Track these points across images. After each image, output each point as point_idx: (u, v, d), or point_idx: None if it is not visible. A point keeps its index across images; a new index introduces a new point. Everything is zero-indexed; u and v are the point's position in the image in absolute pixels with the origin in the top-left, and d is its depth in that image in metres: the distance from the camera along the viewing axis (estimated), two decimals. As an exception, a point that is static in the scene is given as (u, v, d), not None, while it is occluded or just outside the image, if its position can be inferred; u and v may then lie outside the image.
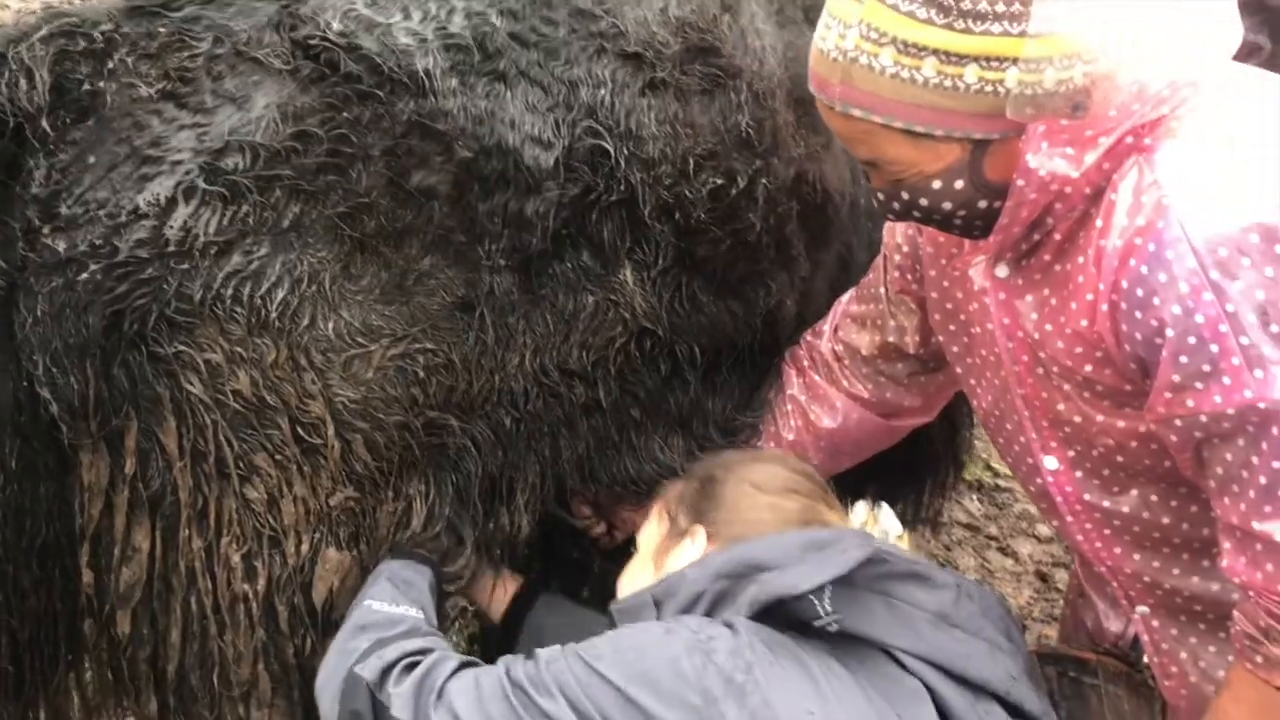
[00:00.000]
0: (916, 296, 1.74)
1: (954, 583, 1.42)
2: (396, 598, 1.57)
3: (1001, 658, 1.41)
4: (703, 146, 1.77)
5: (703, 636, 1.31)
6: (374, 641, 1.47)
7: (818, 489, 1.58)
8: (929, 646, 1.36)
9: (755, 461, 1.63)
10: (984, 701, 1.38)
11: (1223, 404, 1.23)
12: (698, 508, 1.55)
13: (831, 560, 1.34)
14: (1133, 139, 1.30)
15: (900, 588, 1.38)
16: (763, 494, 1.53)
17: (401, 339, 1.57)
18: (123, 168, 1.49)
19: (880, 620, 1.36)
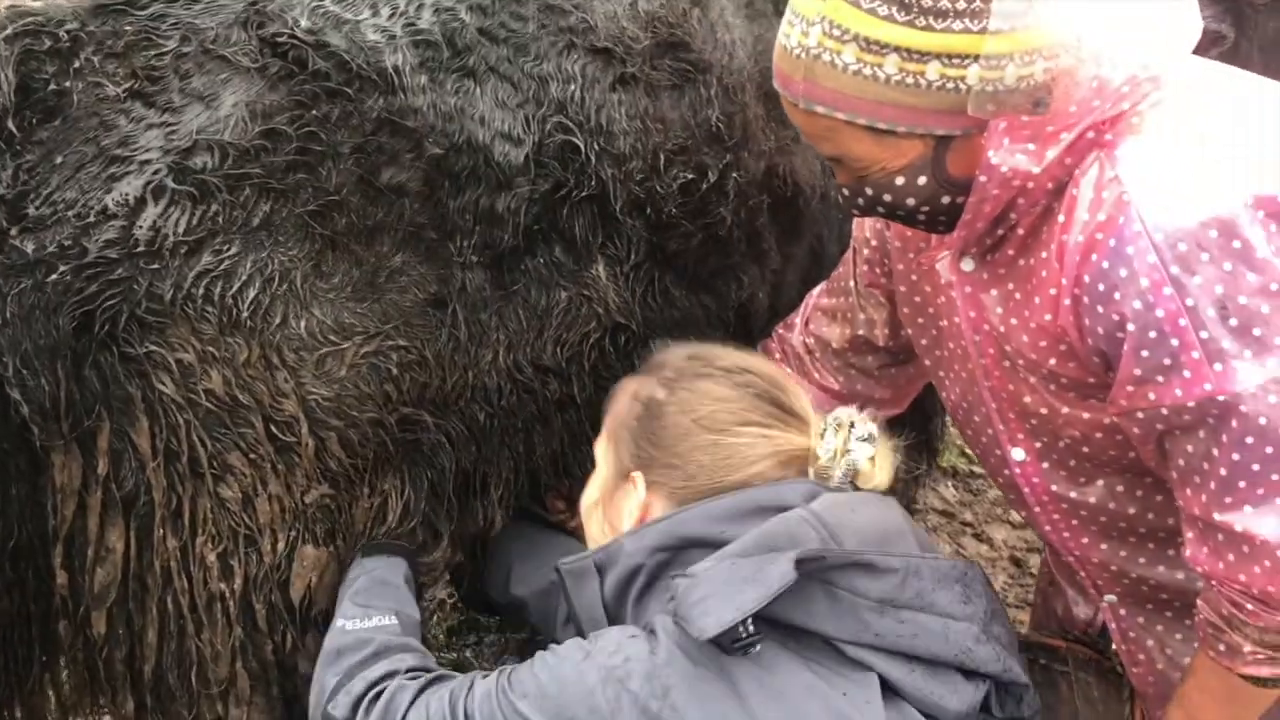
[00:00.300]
0: (885, 290, 1.76)
1: (899, 566, 1.35)
2: (368, 609, 1.59)
3: (955, 628, 1.36)
4: (673, 141, 1.79)
5: (618, 660, 1.29)
6: (344, 674, 1.49)
7: (774, 409, 1.49)
8: (872, 634, 1.32)
9: (704, 379, 1.51)
10: (941, 672, 1.36)
11: (1183, 397, 1.25)
12: (638, 444, 1.50)
13: (755, 583, 1.27)
14: (1094, 134, 1.31)
15: (842, 576, 1.33)
16: (706, 433, 1.46)
17: (374, 336, 1.58)
18: (90, 168, 1.49)
19: (819, 611, 1.32)
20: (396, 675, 1.47)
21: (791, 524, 1.35)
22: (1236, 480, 1.26)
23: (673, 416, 1.48)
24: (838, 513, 1.38)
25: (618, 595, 1.43)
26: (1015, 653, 1.43)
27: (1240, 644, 1.33)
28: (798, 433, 1.47)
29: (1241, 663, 1.35)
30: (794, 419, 1.49)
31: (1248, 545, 1.27)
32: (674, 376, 1.52)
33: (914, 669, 1.33)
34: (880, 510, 1.44)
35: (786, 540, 1.33)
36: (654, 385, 1.53)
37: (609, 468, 1.54)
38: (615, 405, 1.57)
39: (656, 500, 1.47)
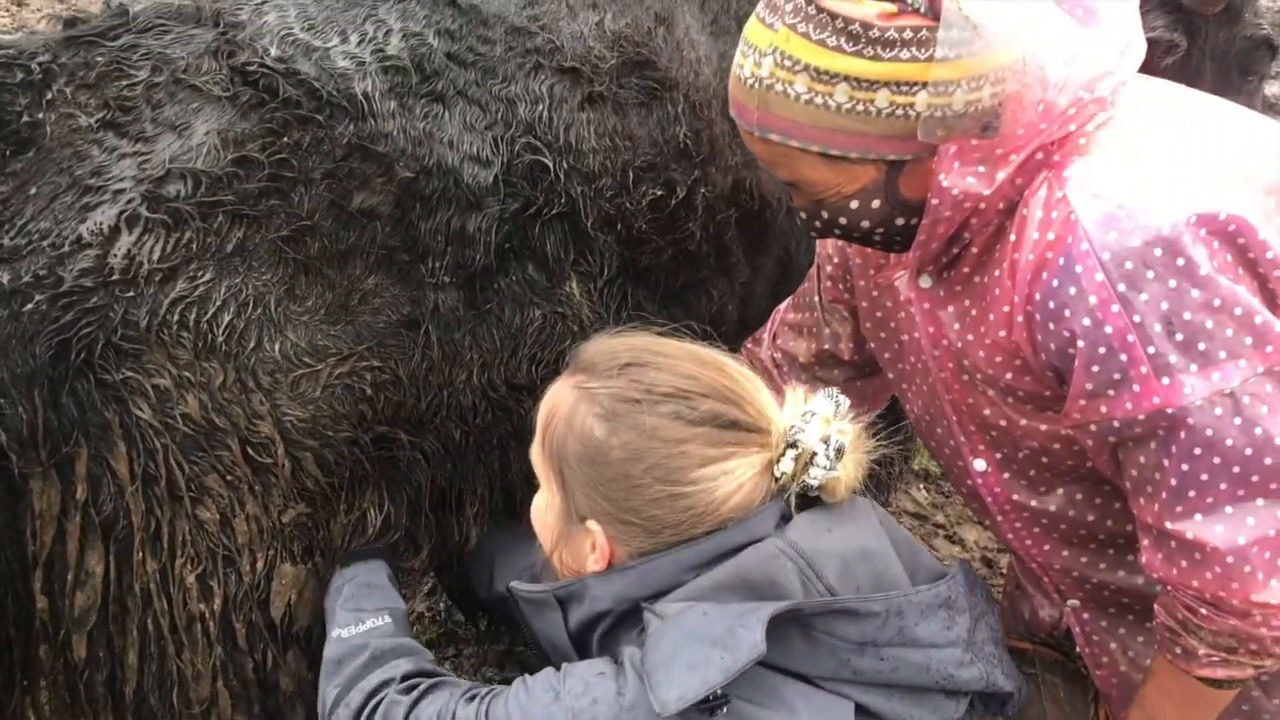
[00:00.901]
0: (848, 305, 1.81)
1: (880, 609, 1.29)
2: (360, 613, 1.61)
3: (938, 656, 1.33)
4: (642, 158, 1.83)
5: (585, 703, 1.26)
6: (342, 685, 1.52)
7: (729, 433, 1.34)
8: (850, 671, 1.29)
9: (645, 414, 1.34)
10: (923, 695, 1.34)
11: (1133, 410, 1.30)
12: (588, 494, 1.37)
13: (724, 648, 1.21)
14: (1042, 155, 1.36)
15: (820, 621, 1.28)
16: (661, 484, 1.33)
17: (348, 357, 1.62)
18: (64, 198, 1.52)
19: (796, 652, 1.28)
20: (391, 685, 1.48)
21: (767, 559, 1.28)
22: (1186, 490, 1.31)
23: (619, 467, 1.34)
24: (815, 537, 1.32)
25: (583, 630, 1.41)
26: (1002, 658, 1.41)
27: (1196, 647, 1.38)
28: (760, 448, 1.35)
29: (1198, 665, 1.40)
30: (755, 432, 1.36)
31: (1199, 552, 1.32)
32: (610, 407, 1.36)
33: (893, 695, 1.32)
34: (858, 528, 1.37)
35: (764, 579, 1.27)
36: (588, 415, 1.37)
37: (560, 502, 1.41)
38: (549, 425, 1.42)
39: (620, 550, 1.38)
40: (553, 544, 1.45)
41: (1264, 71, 2.35)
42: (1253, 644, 1.34)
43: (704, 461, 1.33)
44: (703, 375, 1.38)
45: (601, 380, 1.39)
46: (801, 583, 1.28)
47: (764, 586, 1.27)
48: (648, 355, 1.41)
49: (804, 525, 1.33)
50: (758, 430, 1.36)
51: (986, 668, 1.36)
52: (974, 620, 1.37)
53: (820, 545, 1.31)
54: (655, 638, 1.25)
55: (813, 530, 1.33)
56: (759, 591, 1.26)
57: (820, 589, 1.28)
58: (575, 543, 1.41)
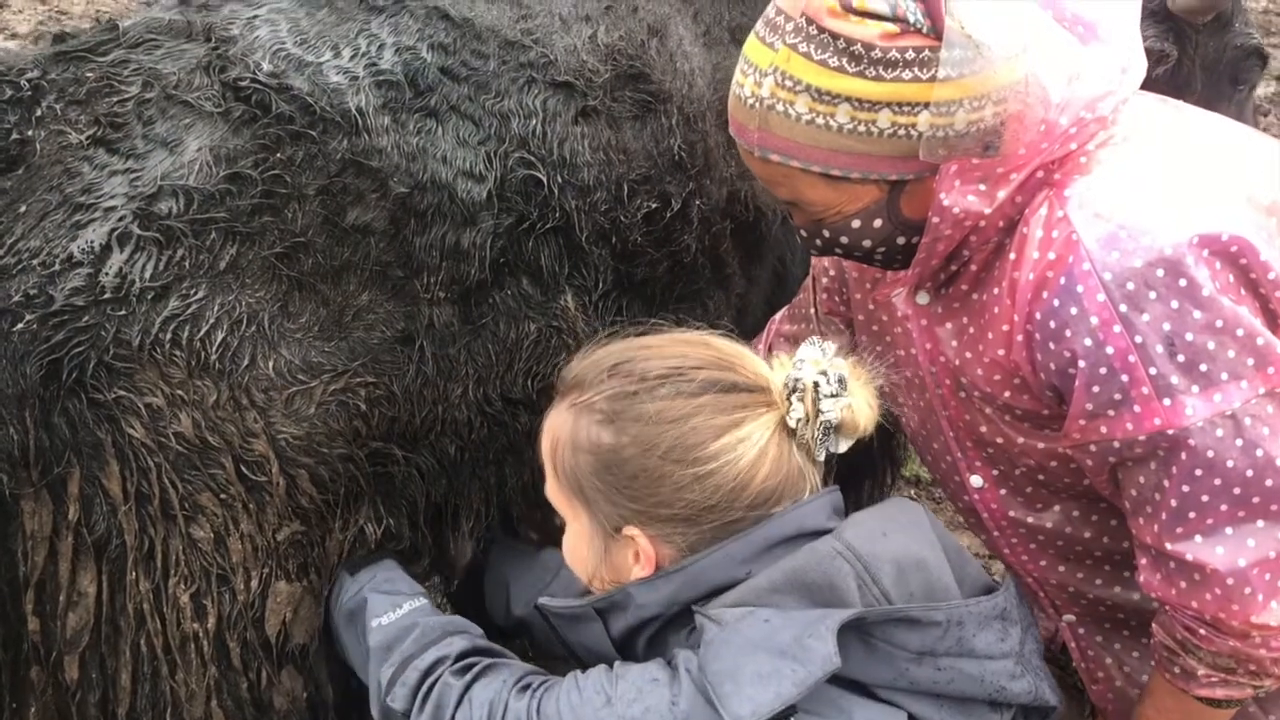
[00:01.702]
0: (844, 317, 1.81)
1: (942, 619, 1.27)
2: (395, 598, 1.61)
3: (992, 668, 1.31)
4: (636, 171, 1.83)
5: (637, 712, 1.24)
6: (396, 665, 1.50)
7: (734, 396, 1.34)
8: (907, 681, 1.27)
9: (645, 402, 1.34)
10: (969, 707, 1.32)
11: (1134, 431, 1.31)
12: (613, 502, 1.36)
13: (795, 661, 1.19)
14: (1043, 174, 1.37)
15: (880, 629, 1.26)
16: (682, 468, 1.31)
17: (342, 374, 1.61)
18: (55, 216, 1.50)
19: (855, 660, 1.25)
20: (446, 663, 1.46)
21: (825, 561, 1.26)
22: (1187, 511, 1.32)
23: (635, 462, 1.33)
24: (870, 540, 1.30)
25: (628, 637, 1.39)
26: (1046, 672, 1.40)
27: (1194, 667, 1.39)
28: (767, 406, 1.34)
29: (1196, 685, 1.41)
30: (757, 392, 1.35)
31: (1199, 573, 1.33)
32: (609, 409, 1.35)
33: (942, 705, 1.30)
34: (912, 534, 1.35)
35: (822, 582, 1.25)
36: (591, 425, 1.36)
37: (588, 529, 1.40)
38: (555, 455, 1.41)
39: (664, 550, 1.35)
40: (592, 570, 1.43)
41: (1255, 81, 2.37)
42: (1252, 665, 1.35)
43: (718, 432, 1.31)
44: (691, 352, 1.39)
45: (593, 389, 1.38)
46: (858, 586, 1.26)
47: (822, 590, 1.25)
48: (632, 351, 1.41)
49: (859, 527, 1.32)
50: (759, 390, 1.35)
51: (1035, 680, 1.35)
52: (1024, 632, 1.36)
53: (875, 549, 1.29)
54: (715, 646, 1.22)
55: (868, 533, 1.31)
56: (817, 595, 1.25)
57: (876, 594, 1.26)
58: (616, 559, 1.39)
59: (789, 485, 1.34)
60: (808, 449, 1.35)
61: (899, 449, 2.60)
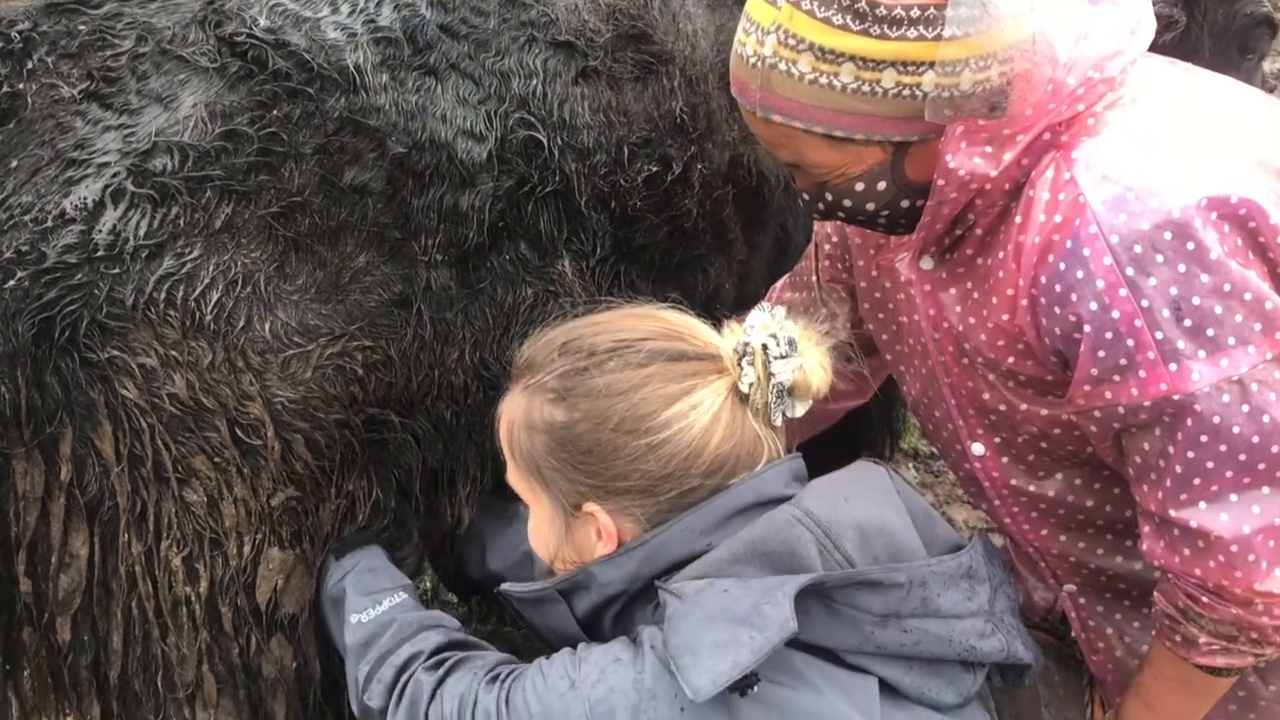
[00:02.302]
0: (846, 285, 1.81)
1: (904, 580, 1.28)
2: (374, 596, 1.62)
3: (960, 627, 1.31)
4: (637, 134, 1.83)
5: (602, 692, 1.24)
6: (373, 662, 1.51)
7: (684, 364, 1.35)
8: (874, 645, 1.28)
9: (594, 376, 1.35)
10: (940, 668, 1.32)
11: (1139, 396, 1.31)
12: (570, 479, 1.37)
13: (752, 628, 1.19)
14: (1050, 135, 1.36)
15: (842, 594, 1.26)
16: (634, 438, 1.32)
17: (339, 337, 1.61)
18: (47, 171, 1.50)
19: (818, 625, 1.26)
20: (420, 659, 1.48)
21: (783, 528, 1.27)
22: (1191, 477, 1.32)
23: (589, 437, 1.34)
24: (831, 505, 1.31)
25: (593, 616, 1.40)
26: (1020, 629, 1.40)
27: (1196, 635, 1.40)
28: (718, 373, 1.35)
29: (1197, 653, 1.42)
30: (707, 359, 1.36)
31: (1203, 540, 1.33)
32: (560, 386, 1.37)
33: (912, 668, 1.30)
34: (875, 497, 1.36)
35: (782, 550, 1.26)
36: (543, 404, 1.38)
37: (549, 510, 1.41)
38: (511, 439, 1.42)
39: (626, 525, 1.36)
40: (554, 551, 1.43)
41: (1264, 50, 2.36)
42: (1254, 633, 1.36)
43: (668, 400, 1.33)
44: (639, 325, 1.40)
45: (544, 370, 1.40)
46: (819, 552, 1.26)
47: (782, 557, 1.25)
48: (580, 329, 1.42)
49: (819, 493, 1.33)
50: (709, 357, 1.36)
51: (1006, 638, 1.35)
52: (993, 590, 1.37)
53: (837, 514, 1.30)
54: (676, 620, 1.22)
55: (829, 498, 1.32)
56: (777, 563, 1.25)
57: (838, 559, 1.27)
58: (578, 538, 1.40)
59: (745, 451, 1.35)
60: (764, 414, 1.36)
61: (898, 420, 2.61)
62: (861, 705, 1.25)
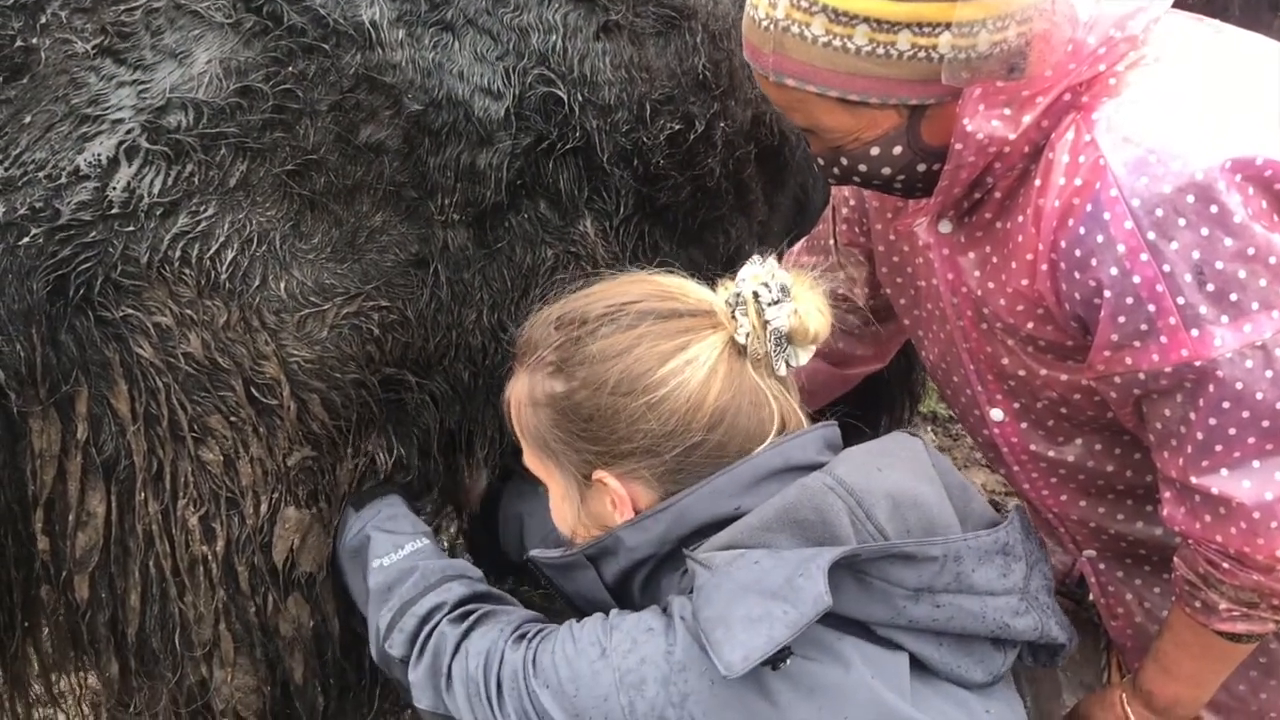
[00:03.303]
0: (864, 248, 1.82)
1: (939, 554, 1.27)
2: (397, 539, 1.64)
3: (994, 604, 1.32)
4: (659, 90, 1.84)
5: (633, 662, 1.25)
6: (395, 610, 1.53)
7: (677, 321, 1.37)
8: (905, 619, 1.28)
9: (589, 343, 1.38)
10: (970, 645, 1.33)
11: (1160, 362, 1.32)
12: (576, 449, 1.40)
13: (786, 602, 1.19)
14: (1070, 96, 1.36)
15: (875, 566, 1.26)
16: (632, 399, 1.34)
17: (355, 297, 1.63)
18: (60, 127, 1.52)
19: (849, 598, 1.26)
20: (443, 610, 1.50)
21: (816, 496, 1.27)
22: (1213, 444, 1.33)
23: (589, 403, 1.37)
24: (864, 475, 1.30)
25: (622, 580, 1.41)
26: (1055, 608, 1.40)
27: (1216, 601, 1.42)
28: (712, 328, 1.37)
29: (1217, 620, 1.44)
30: (701, 315, 1.38)
31: (1224, 507, 1.35)
32: (558, 358, 1.40)
33: (943, 644, 1.31)
34: (909, 468, 1.35)
35: (814, 518, 1.25)
36: (544, 379, 1.41)
37: (562, 484, 1.45)
38: (520, 419, 1.46)
39: (637, 488, 1.38)
40: (572, 524, 1.46)
41: (1298, 7, 2.35)
42: (1275, 599, 1.38)
43: (662, 358, 1.34)
44: (630, 289, 1.43)
45: (542, 346, 1.43)
46: (851, 522, 1.26)
47: (814, 526, 1.25)
48: (573, 301, 1.45)
49: (852, 461, 1.33)
50: (703, 314, 1.38)
51: (1041, 617, 1.36)
52: (1029, 568, 1.36)
53: (870, 484, 1.29)
54: (706, 591, 1.22)
55: (862, 467, 1.31)
56: (809, 531, 1.25)
57: (870, 530, 1.27)
58: (594, 508, 1.43)
59: (746, 403, 1.35)
60: (766, 364, 1.37)
61: (917, 384, 2.63)
62: (892, 681, 1.25)
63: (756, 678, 1.21)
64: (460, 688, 1.40)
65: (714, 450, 1.35)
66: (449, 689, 1.42)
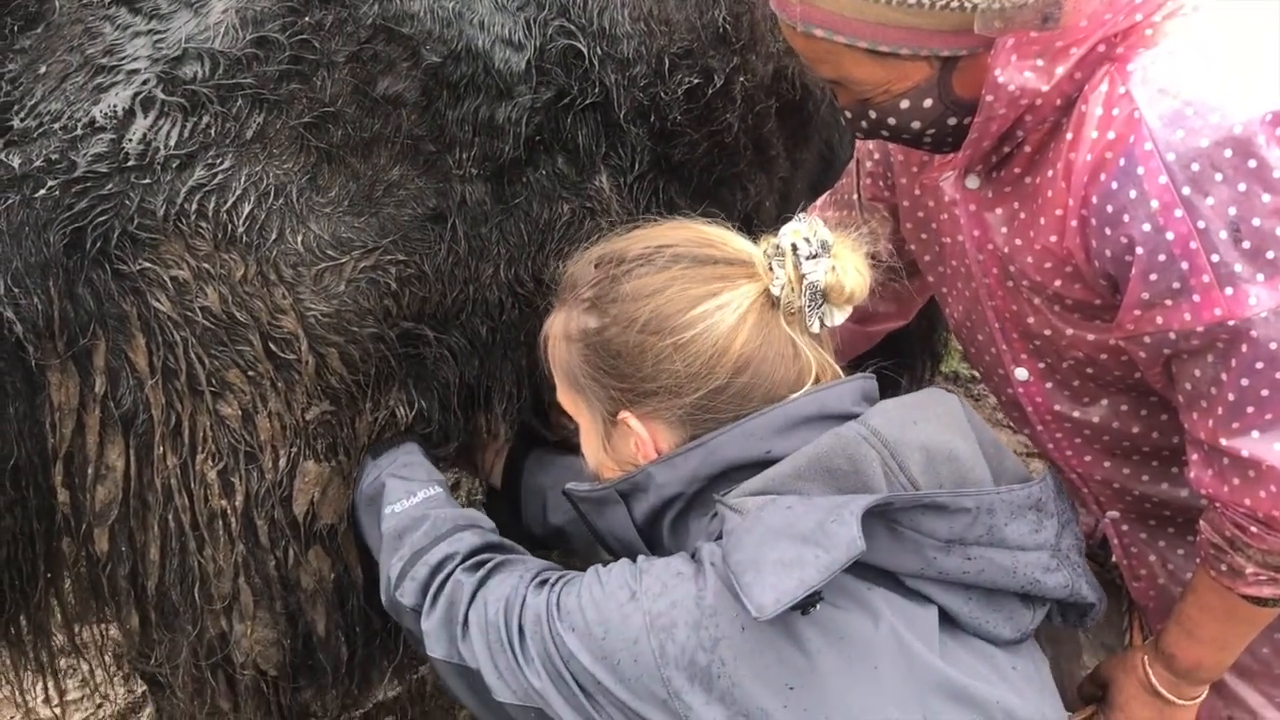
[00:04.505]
0: (889, 204, 1.78)
1: (971, 505, 1.27)
2: (409, 485, 1.63)
3: (1025, 559, 1.31)
4: (678, 44, 1.80)
5: (663, 605, 1.24)
6: (406, 559, 1.52)
7: (712, 268, 1.37)
8: (935, 570, 1.27)
9: (624, 281, 1.39)
10: (999, 600, 1.32)
11: (1192, 321, 1.29)
12: (603, 385, 1.40)
13: (818, 546, 1.17)
14: (1105, 48, 1.33)
15: (907, 516, 1.25)
16: (660, 338, 1.34)
17: (373, 251, 1.61)
18: (76, 78, 1.50)
19: (880, 547, 1.25)
20: (455, 559, 1.49)
21: (850, 445, 1.26)
22: (1244, 405, 1.30)
23: (618, 340, 1.37)
24: (899, 427, 1.29)
25: (651, 520, 1.40)
26: (1085, 568, 1.39)
27: (1243, 565, 1.39)
28: (748, 278, 1.37)
29: (1243, 583, 1.41)
30: (738, 265, 1.38)
31: (1254, 470, 1.32)
32: (593, 295, 1.41)
33: (971, 597, 1.30)
34: (944, 423, 1.34)
35: (846, 467, 1.25)
36: (579, 315, 1.42)
37: (590, 421, 1.45)
38: (553, 355, 1.47)
39: (660, 429, 1.38)
40: (599, 462, 1.46)
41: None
42: (1303, 563, 1.36)
43: (693, 301, 1.34)
44: (671, 234, 1.43)
45: (581, 284, 1.44)
46: (884, 473, 1.25)
47: (847, 475, 1.24)
48: (615, 242, 1.46)
49: (887, 413, 1.32)
50: (739, 262, 1.38)
51: (1072, 575, 1.35)
52: (1061, 526, 1.35)
53: (904, 436, 1.28)
54: (737, 535, 1.21)
55: (897, 419, 1.30)
56: (841, 480, 1.24)
57: (903, 481, 1.26)
58: (618, 448, 1.42)
59: (774, 353, 1.34)
60: (799, 320, 1.35)
61: (939, 343, 2.60)
62: (921, 634, 1.25)
63: (787, 624, 1.20)
64: (478, 635, 1.38)
65: (737, 397, 1.34)
66: (465, 637, 1.41)
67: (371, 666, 1.84)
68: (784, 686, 1.20)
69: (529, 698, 1.33)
